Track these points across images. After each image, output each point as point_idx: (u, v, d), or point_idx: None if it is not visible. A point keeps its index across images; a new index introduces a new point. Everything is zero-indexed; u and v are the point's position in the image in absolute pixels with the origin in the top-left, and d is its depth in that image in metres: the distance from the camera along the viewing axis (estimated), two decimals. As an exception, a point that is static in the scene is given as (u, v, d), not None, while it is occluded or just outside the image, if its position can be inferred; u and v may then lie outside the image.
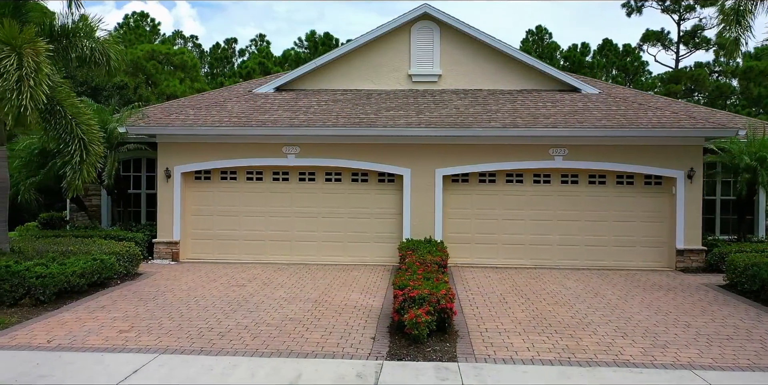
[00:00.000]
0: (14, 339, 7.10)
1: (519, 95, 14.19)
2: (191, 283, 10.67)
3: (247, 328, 7.70)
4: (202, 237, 13.41)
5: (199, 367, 6.15)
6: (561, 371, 6.17)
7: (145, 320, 8.04)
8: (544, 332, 7.66)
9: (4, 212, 10.10)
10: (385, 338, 7.31)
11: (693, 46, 44.04)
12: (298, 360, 6.41)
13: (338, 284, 10.69)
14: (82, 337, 7.21)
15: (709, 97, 40.86)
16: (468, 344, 7.07)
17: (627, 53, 44.92)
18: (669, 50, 44.63)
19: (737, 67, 41.18)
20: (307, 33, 47.32)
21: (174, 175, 13.12)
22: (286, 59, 45.74)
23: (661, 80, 43.42)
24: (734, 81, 41.81)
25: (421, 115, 13.09)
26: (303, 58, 45.56)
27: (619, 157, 12.63)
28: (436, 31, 14.51)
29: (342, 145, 12.92)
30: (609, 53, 44.57)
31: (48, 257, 9.39)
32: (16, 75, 8.45)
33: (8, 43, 8.66)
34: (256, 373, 6.01)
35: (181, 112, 13.64)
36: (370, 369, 6.14)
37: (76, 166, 10.19)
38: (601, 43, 44.49)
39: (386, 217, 13.18)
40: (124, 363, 6.24)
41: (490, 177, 13.10)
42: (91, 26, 10.67)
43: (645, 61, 45.50)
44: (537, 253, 12.96)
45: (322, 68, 14.75)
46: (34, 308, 8.61)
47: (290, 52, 47.29)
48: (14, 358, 6.38)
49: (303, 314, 8.47)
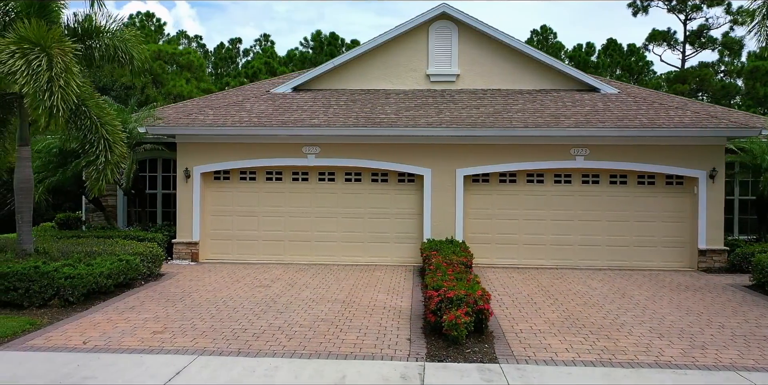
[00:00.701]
0: (49, 340, 7.07)
1: (538, 95, 14.15)
2: (215, 284, 10.63)
3: (281, 329, 7.66)
4: (222, 237, 13.38)
5: (240, 369, 6.11)
6: (605, 373, 6.13)
7: (176, 321, 8.00)
8: (579, 333, 7.63)
9: (28, 213, 10.05)
10: (420, 339, 7.28)
11: (699, 45, 43.99)
12: (339, 361, 6.38)
13: (363, 285, 10.65)
14: (116, 338, 7.17)
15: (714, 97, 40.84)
16: (506, 345, 7.03)
17: (631, 53, 44.91)
18: (675, 50, 44.58)
19: (743, 67, 41.18)
20: (312, 33, 47.31)
21: (193, 176, 13.09)
22: (291, 59, 45.71)
23: (667, 80, 43.36)
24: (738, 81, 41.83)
25: (441, 115, 13.05)
26: (309, 58, 45.57)
27: (640, 157, 12.59)
28: (454, 30, 14.47)
29: (362, 145, 12.88)
30: (613, 53, 44.58)
31: (74, 258, 9.35)
32: (47, 75, 8.40)
33: (38, 43, 8.61)
34: (299, 374, 5.97)
35: (201, 113, 13.60)
36: (413, 371, 6.10)
37: (100, 167, 10.15)
38: (606, 42, 44.51)
39: (406, 217, 13.14)
40: (164, 364, 6.21)
41: (510, 177, 13.06)
42: (114, 25, 10.62)
43: (649, 61, 45.48)
44: (558, 253, 12.92)
45: (340, 68, 14.72)
46: (63, 308, 8.57)
47: (294, 52, 47.26)
48: (54, 359, 6.34)
49: (334, 314, 8.44)
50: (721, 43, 42.34)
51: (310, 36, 47.15)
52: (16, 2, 9.52)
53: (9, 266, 8.59)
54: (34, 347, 6.82)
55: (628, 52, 44.72)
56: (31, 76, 8.35)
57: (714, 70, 42.27)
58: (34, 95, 8.37)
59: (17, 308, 8.53)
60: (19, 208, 10.00)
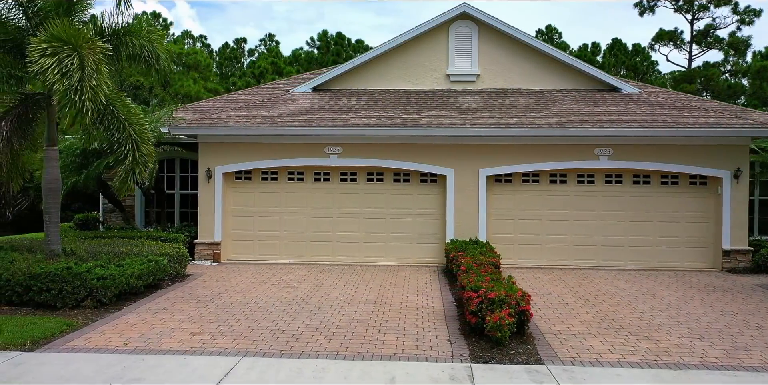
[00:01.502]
0: (89, 341, 7.04)
1: (559, 95, 14.11)
2: (242, 284, 10.60)
3: (318, 330, 7.62)
4: (243, 238, 13.34)
5: (287, 370, 6.08)
6: (654, 374, 6.09)
7: (212, 322, 7.97)
8: (618, 334, 7.59)
9: (56, 214, 10.01)
10: (461, 340, 7.24)
11: (706, 45, 43.95)
12: (385, 363, 6.34)
13: (390, 286, 10.62)
14: (156, 339, 7.14)
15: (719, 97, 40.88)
16: (547, 347, 7.00)
17: (636, 53, 44.90)
18: (682, 50, 44.54)
19: (750, 67, 41.15)
20: (319, 33, 47.27)
21: (215, 176, 13.06)
22: (296, 59, 45.69)
23: (674, 80, 43.34)
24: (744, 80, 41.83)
25: (464, 115, 13.02)
26: (315, 58, 45.56)
27: (663, 157, 12.55)
28: (474, 30, 14.43)
29: (385, 145, 12.85)
30: (619, 53, 44.59)
31: (104, 259, 9.33)
32: (78, 75, 8.36)
33: (69, 42, 8.57)
34: (348, 376, 5.93)
35: (223, 113, 13.57)
36: (460, 372, 6.07)
37: (128, 167, 10.11)
38: (611, 42, 44.51)
39: (428, 217, 13.10)
40: (210, 366, 6.18)
41: (533, 177, 13.03)
42: (141, 25, 10.59)
43: (654, 60, 45.48)
44: (581, 253, 12.88)
45: (359, 68, 14.68)
46: (96, 309, 8.54)
47: (299, 51, 47.22)
48: (98, 361, 6.31)
49: (368, 315, 8.40)
50: (727, 43, 42.31)
51: (317, 36, 47.07)
52: (45, 2, 9.47)
53: (41, 267, 8.56)
54: (75, 348, 6.79)
55: (633, 51, 44.70)
56: (62, 75, 8.30)
57: (719, 70, 42.26)
58: (64, 94, 8.32)
59: (50, 308, 8.49)
60: (47, 208, 9.96)
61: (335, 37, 45.86)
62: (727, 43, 42.18)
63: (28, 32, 9.57)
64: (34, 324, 7.61)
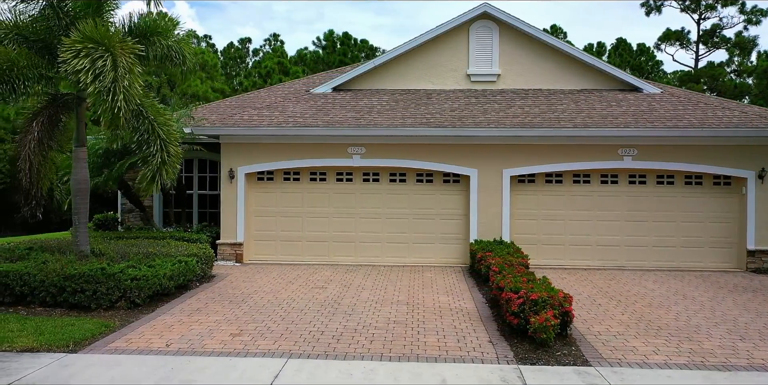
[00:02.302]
0: (130, 343, 7.01)
1: (580, 95, 14.08)
2: (270, 285, 10.57)
3: (357, 331, 7.60)
4: (265, 238, 13.32)
5: (336, 372, 6.05)
6: (705, 376, 6.07)
7: (249, 323, 7.94)
8: (658, 335, 7.56)
9: (84, 214, 9.99)
10: (502, 341, 7.21)
11: (712, 45, 43.95)
12: (433, 364, 6.32)
13: (418, 286, 10.59)
14: (197, 341, 7.11)
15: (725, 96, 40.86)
16: (591, 348, 6.97)
17: (641, 52, 44.93)
18: (689, 50, 44.50)
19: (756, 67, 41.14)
20: (325, 33, 47.27)
21: (237, 176, 13.03)
22: (301, 59, 45.65)
23: (681, 80, 43.36)
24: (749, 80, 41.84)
25: (487, 115, 12.99)
26: (321, 58, 45.52)
27: (687, 158, 12.53)
28: (495, 30, 14.40)
29: (408, 146, 12.82)
30: (623, 53, 44.64)
31: (135, 260, 9.30)
32: (111, 75, 8.33)
33: (101, 43, 8.54)
34: (398, 377, 5.91)
35: (245, 113, 13.54)
36: (510, 373, 6.04)
37: (156, 168, 10.08)
38: (615, 42, 44.56)
39: (451, 218, 13.08)
40: (258, 367, 6.15)
41: (556, 177, 13.00)
42: (168, 25, 10.56)
43: (659, 60, 45.49)
44: (604, 254, 12.86)
45: (379, 68, 14.64)
46: (130, 310, 8.51)
47: (304, 51, 47.15)
48: (145, 362, 6.28)
49: (403, 316, 8.37)
50: (734, 43, 42.30)
51: (323, 36, 47.00)
52: (76, 2, 9.44)
53: (75, 268, 8.53)
54: (117, 349, 6.76)
55: (637, 51, 44.74)
56: (95, 76, 8.28)
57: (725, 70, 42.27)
58: (98, 95, 8.30)
59: (84, 310, 8.46)
60: (76, 209, 9.94)
61: (341, 37, 45.83)
62: (733, 42, 42.18)
63: (58, 32, 9.54)
64: (73, 325, 7.58)
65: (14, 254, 9.34)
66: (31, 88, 9.12)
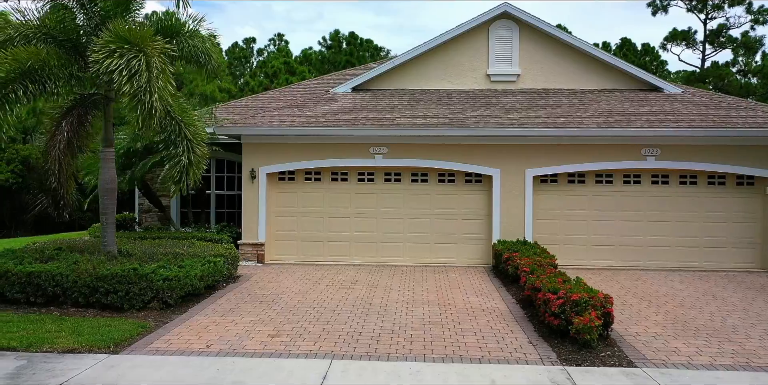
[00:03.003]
0: (170, 344, 6.98)
1: (601, 95, 14.05)
2: (297, 286, 10.54)
3: (394, 332, 7.57)
4: (286, 238, 13.29)
5: (384, 373, 6.02)
6: (753, 377, 6.04)
7: (284, 324, 7.91)
8: (697, 336, 7.53)
9: (112, 215, 9.96)
10: (541, 342, 7.18)
11: (718, 45, 43.95)
12: (479, 365, 6.29)
13: (445, 286, 10.56)
14: (236, 342, 7.08)
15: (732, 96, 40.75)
16: (632, 349, 6.94)
17: (646, 52, 44.92)
18: (695, 50, 44.48)
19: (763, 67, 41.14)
20: (330, 32, 47.29)
21: (259, 176, 13.00)
22: (307, 59, 45.60)
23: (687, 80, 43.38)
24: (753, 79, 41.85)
25: (510, 115, 12.96)
26: (327, 57, 45.51)
27: (711, 158, 12.49)
28: (515, 29, 14.36)
29: (430, 146, 12.79)
30: (628, 52, 44.59)
31: (165, 260, 9.27)
32: (146, 76, 8.30)
33: (134, 43, 8.50)
34: (447, 378, 5.88)
35: (266, 113, 13.52)
36: (558, 375, 6.01)
37: (183, 169, 10.06)
38: (620, 42, 44.57)
39: (473, 218, 13.05)
40: (304, 368, 6.12)
41: (579, 178, 12.97)
42: (195, 26, 10.54)
43: (664, 60, 45.50)
44: (627, 254, 12.82)
45: (398, 68, 14.60)
46: (162, 311, 8.47)
47: (308, 51, 47.10)
48: (189, 363, 6.25)
49: (438, 317, 8.34)
50: (740, 43, 42.29)
51: (328, 36, 46.99)
52: (106, 2, 9.41)
53: (107, 269, 8.50)
54: (158, 350, 6.73)
55: (642, 51, 44.73)
56: (131, 76, 8.24)
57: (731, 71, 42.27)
58: (134, 95, 8.27)
59: (117, 310, 8.43)
60: (103, 209, 9.91)
61: (348, 37, 45.79)
62: (739, 42, 42.17)
63: (87, 32, 9.52)
64: (109, 326, 7.55)
65: (44, 255, 9.31)
66: (62, 88, 9.09)
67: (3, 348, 6.67)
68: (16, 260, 8.98)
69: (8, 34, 9.34)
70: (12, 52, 8.61)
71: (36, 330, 7.32)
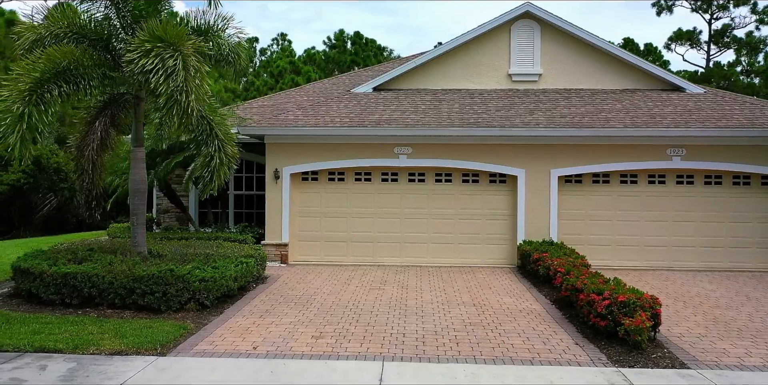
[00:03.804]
0: (215, 345, 6.93)
1: (624, 94, 14.02)
2: (327, 286, 10.48)
3: (437, 333, 7.52)
4: (309, 239, 13.24)
5: (440, 375, 5.98)
6: (810, 378, 6.01)
7: (324, 325, 7.86)
8: (741, 336, 7.51)
9: (142, 215, 9.89)
10: (587, 343, 7.15)
11: (723, 45, 44.02)
12: (532, 367, 6.25)
13: (475, 287, 10.52)
14: (281, 343, 7.02)
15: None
16: (681, 350, 6.91)
17: (649, 52, 44.94)
18: (700, 50, 44.53)
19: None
20: (335, 32, 47.26)
21: (283, 176, 12.95)
22: (311, 58, 45.51)
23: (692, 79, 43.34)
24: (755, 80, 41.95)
25: (535, 114, 12.93)
26: (332, 57, 45.46)
27: (736, 157, 12.48)
28: (536, 29, 14.33)
29: (455, 146, 12.76)
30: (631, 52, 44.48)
31: (198, 261, 9.21)
32: (183, 75, 8.24)
33: (170, 42, 8.44)
34: (504, 380, 5.84)
35: (290, 113, 13.46)
36: (614, 377, 5.97)
37: (214, 169, 10.01)
38: (622, 42, 44.56)
39: (497, 218, 13.01)
40: (358, 370, 6.08)
41: (603, 178, 12.94)
42: (224, 24, 10.48)
43: (666, 60, 45.52)
44: (652, 254, 12.80)
45: (419, 68, 14.56)
46: (199, 312, 8.41)
47: (312, 51, 46.98)
48: (242, 366, 6.20)
49: (477, 318, 8.30)
50: (745, 43, 42.38)
51: (333, 35, 46.90)
52: (138, 1, 9.35)
53: (144, 270, 8.44)
54: (206, 352, 6.68)
55: (644, 51, 44.74)
56: (167, 76, 8.18)
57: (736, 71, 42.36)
58: (171, 95, 8.21)
59: (153, 311, 8.36)
60: (134, 210, 9.85)
61: (353, 37, 45.73)
62: (744, 42, 42.26)
63: (119, 31, 9.46)
64: (150, 328, 7.49)
65: (77, 256, 9.24)
66: (95, 89, 9.02)
67: (49, 350, 6.62)
68: (49, 261, 8.91)
69: (39, 33, 9.29)
70: (47, 52, 8.55)
71: (78, 332, 7.26)
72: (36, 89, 8.31)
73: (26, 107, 8.11)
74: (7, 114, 8.10)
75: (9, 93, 8.14)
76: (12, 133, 8.11)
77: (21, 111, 8.06)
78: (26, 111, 8.09)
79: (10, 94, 8.14)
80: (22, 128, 8.11)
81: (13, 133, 8.12)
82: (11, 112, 8.08)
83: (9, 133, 8.10)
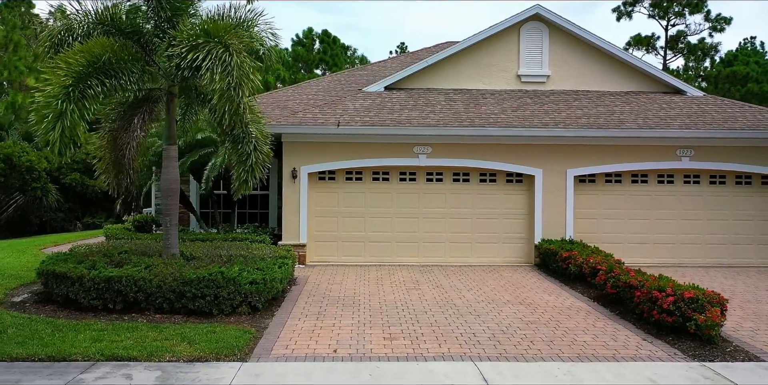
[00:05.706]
0: (292, 350, 6.76)
1: (629, 97, 14.42)
2: (361, 286, 10.36)
3: (506, 333, 7.55)
4: (326, 239, 13.06)
5: (538, 374, 6.01)
6: None
7: (389, 326, 7.77)
8: (791, 329, 7.85)
9: (175, 216, 9.51)
10: (654, 339, 7.33)
11: (677, 51, 45.87)
12: (624, 364, 6.36)
13: (508, 286, 10.61)
14: (358, 346, 6.91)
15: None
16: (746, 344, 7.16)
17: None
18: (658, 55, 46.19)
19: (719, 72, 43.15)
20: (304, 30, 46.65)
21: (300, 176, 12.72)
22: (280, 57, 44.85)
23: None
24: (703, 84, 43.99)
25: (550, 115, 13.15)
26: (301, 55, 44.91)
27: (739, 158, 13.04)
28: (545, 31, 14.56)
29: (473, 146, 12.83)
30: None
31: (239, 263, 8.93)
32: (238, 71, 7.98)
33: (218, 36, 8.16)
34: (603, 377, 5.92)
35: (307, 111, 13.23)
36: (706, 371, 6.14)
37: (250, 168, 9.73)
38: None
39: (514, 217, 13.17)
40: (455, 372, 6.04)
41: (616, 177, 13.29)
42: (255, 19, 10.19)
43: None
44: (661, 251, 13.23)
45: (430, 67, 14.56)
46: (251, 316, 8.16)
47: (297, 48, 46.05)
48: (335, 369, 6.06)
49: (532, 316, 8.38)
50: (697, 49, 44.32)
51: (302, 34, 46.32)
52: (176, -6, 8.98)
53: (193, 272, 8.14)
54: (289, 356, 6.51)
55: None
56: (222, 72, 7.90)
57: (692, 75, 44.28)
58: (225, 92, 7.94)
59: (204, 316, 8.07)
60: (166, 210, 9.47)
61: (321, 35, 45.36)
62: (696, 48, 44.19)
63: (158, 25, 9.08)
64: (214, 332, 7.23)
65: (113, 259, 8.80)
66: (134, 84, 8.62)
67: (122, 358, 6.29)
68: (85, 264, 8.47)
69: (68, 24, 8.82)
70: (86, 45, 8.12)
71: (141, 338, 6.94)
72: (78, 84, 7.88)
73: (68, 104, 7.68)
74: (48, 110, 7.66)
75: (51, 87, 7.70)
76: (52, 129, 7.67)
77: (63, 108, 7.62)
78: (68, 108, 7.66)
79: (51, 90, 7.69)
80: (64, 125, 7.67)
81: (53, 130, 7.68)
82: (52, 108, 7.65)
83: (49, 129, 7.66)
